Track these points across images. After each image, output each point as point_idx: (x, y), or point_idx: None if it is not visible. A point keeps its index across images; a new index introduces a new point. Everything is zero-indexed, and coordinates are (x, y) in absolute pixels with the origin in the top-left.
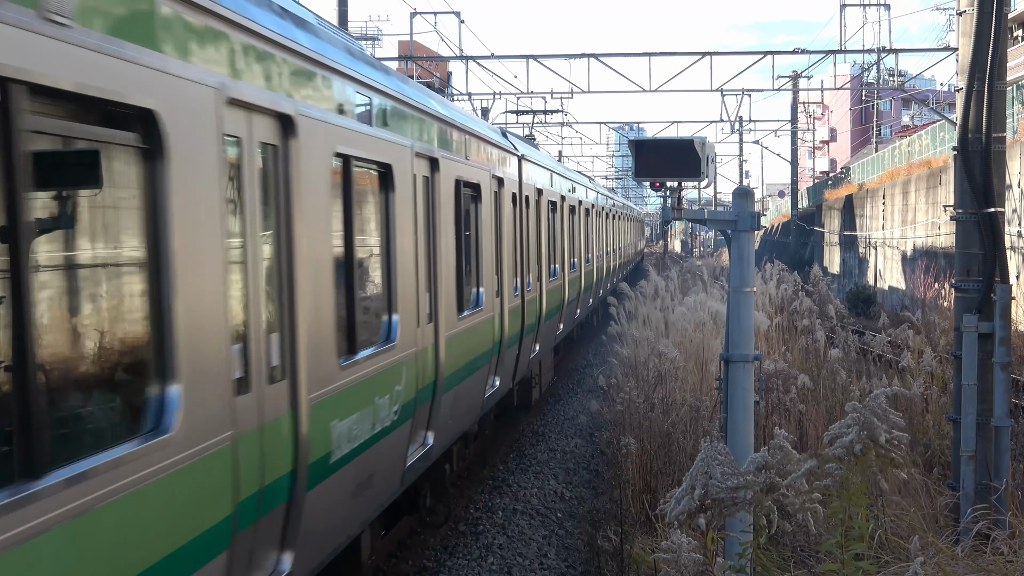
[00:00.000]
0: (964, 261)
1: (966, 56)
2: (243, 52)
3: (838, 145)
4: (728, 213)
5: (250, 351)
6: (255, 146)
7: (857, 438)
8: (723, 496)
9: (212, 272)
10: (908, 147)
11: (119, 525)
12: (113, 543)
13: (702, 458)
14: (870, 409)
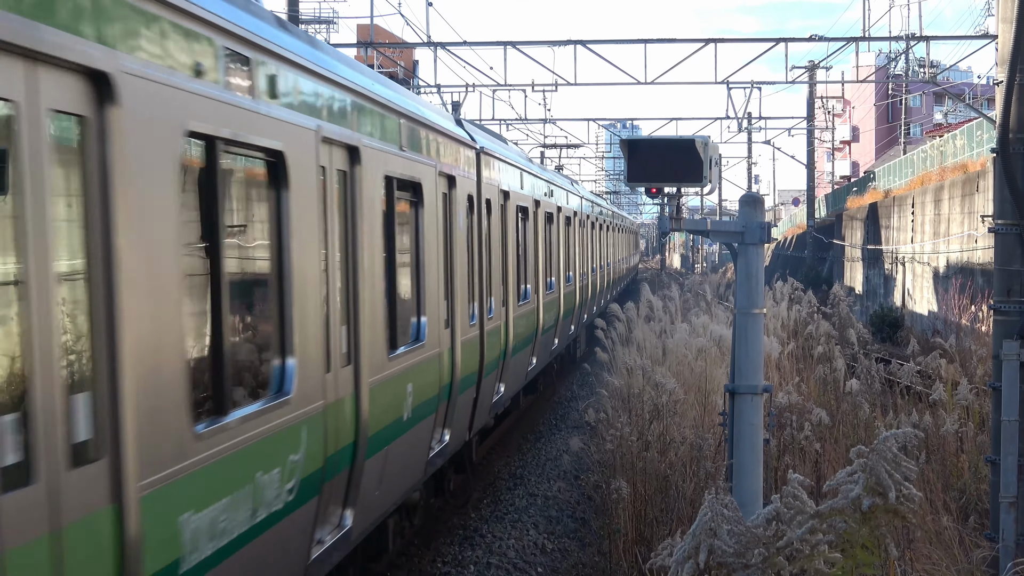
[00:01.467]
0: (1004, 279)
1: (1006, 45)
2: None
3: (861, 146)
4: (734, 224)
5: (331, 339)
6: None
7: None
8: (730, 561)
9: (314, 276)
10: (941, 148)
11: (265, 453)
12: (261, 465)
13: (705, 512)
14: (879, 454)
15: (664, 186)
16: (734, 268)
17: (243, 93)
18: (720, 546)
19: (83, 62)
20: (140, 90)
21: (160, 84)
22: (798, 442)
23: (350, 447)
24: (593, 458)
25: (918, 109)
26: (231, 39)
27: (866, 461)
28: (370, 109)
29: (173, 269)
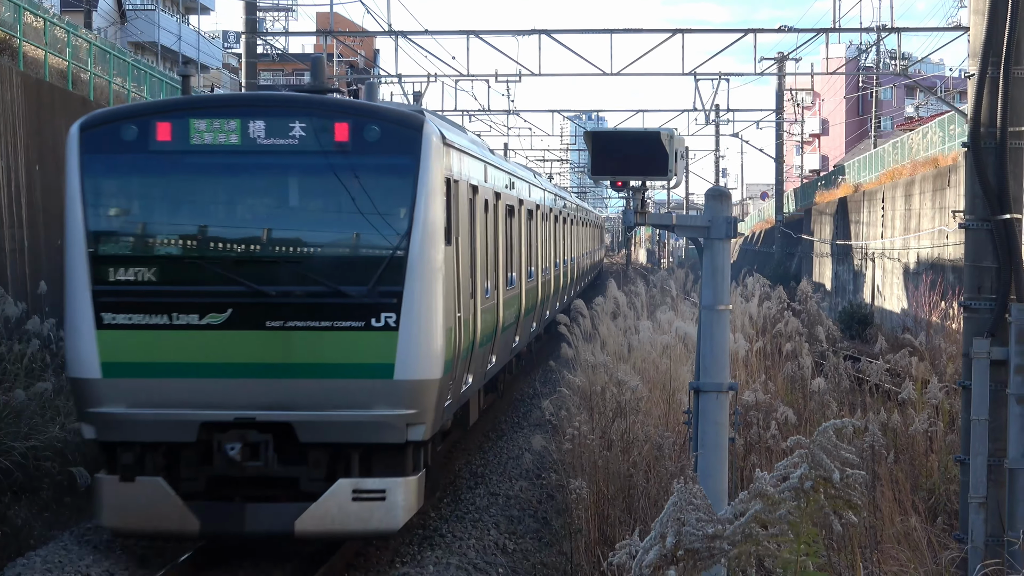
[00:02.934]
0: (975, 276)
1: (979, 37)
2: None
3: (831, 139)
4: (700, 218)
5: (498, 275)
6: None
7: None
8: (698, 546)
9: (495, 248)
10: (912, 142)
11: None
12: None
13: (674, 501)
14: (819, 444)
15: (629, 179)
16: (700, 263)
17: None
18: (689, 531)
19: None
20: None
21: None
22: (764, 441)
23: (494, 327)
24: (555, 457)
25: (889, 102)
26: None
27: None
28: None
29: (490, 244)
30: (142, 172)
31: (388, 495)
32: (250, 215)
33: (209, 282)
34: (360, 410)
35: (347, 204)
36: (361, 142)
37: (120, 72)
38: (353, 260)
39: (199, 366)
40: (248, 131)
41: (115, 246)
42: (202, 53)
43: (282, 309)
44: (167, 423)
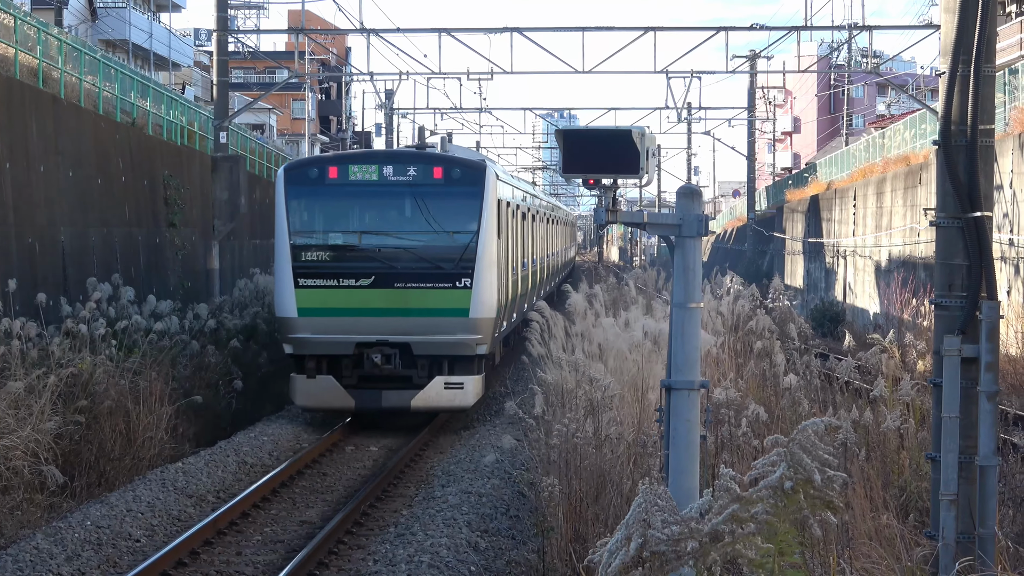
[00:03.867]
0: (945, 273)
1: (949, 35)
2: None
3: (802, 137)
4: (672, 216)
5: (530, 259)
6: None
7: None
8: (664, 549)
9: (519, 241)
10: (883, 140)
11: (519, 281)
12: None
13: (639, 503)
14: (798, 443)
15: (600, 177)
16: (672, 261)
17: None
18: (654, 534)
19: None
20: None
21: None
22: (736, 439)
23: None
24: (528, 454)
25: (860, 100)
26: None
27: (785, 450)
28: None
29: (526, 241)
30: (321, 196)
31: (464, 386)
32: (383, 221)
33: (360, 260)
34: (449, 335)
35: (441, 215)
36: (449, 178)
37: (91, 70)
38: (445, 248)
39: (354, 310)
40: (382, 172)
41: (305, 239)
42: (173, 51)
43: (403, 276)
44: (335, 343)
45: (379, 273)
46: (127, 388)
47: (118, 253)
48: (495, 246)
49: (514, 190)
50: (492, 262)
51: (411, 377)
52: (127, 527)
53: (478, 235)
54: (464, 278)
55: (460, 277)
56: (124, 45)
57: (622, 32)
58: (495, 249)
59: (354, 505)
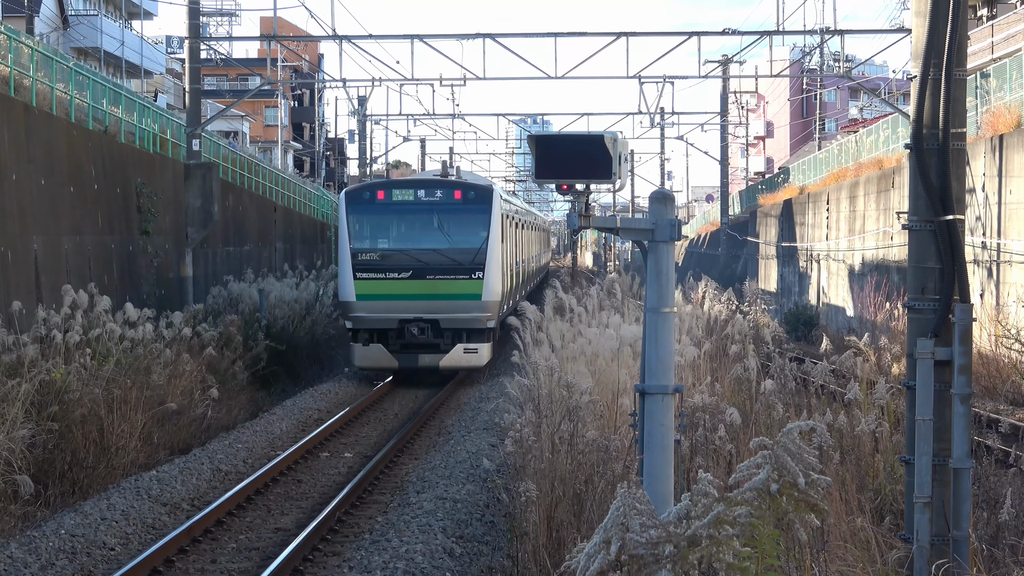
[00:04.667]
0: (918, 277)
1: (920, 39)
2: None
3: (775, 142)
4: (644, 221)
5: (526, 259)
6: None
7: (770, 477)
8: (642, 552)
9: (513, 245)
10: (856, 144)
11: (514, 276)
12: (511, 280)
13: (617, 506)
14: (782, 447)
15: (573, 183)
16: (645, 266)
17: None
18: (632, 537)
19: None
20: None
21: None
22: (711, 443)
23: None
24: (503, 460)
25: (833, 104)
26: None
27: (770, 452)
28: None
29: (516, 246)
30: (372, 212)
31: (478, 351)
32: (418, 230)
33: (401, 259)
34: (466, 313)
35: (460, 226)
36: (466, 198)
37: (63, 78)
38: (463, 250)
39: (397, 295)
40: (417, 194)
41: (361, 244)
42: (146, 59)
43: (433, 270)
44: (384, 319)
45: (415, 268)
46: (101, 396)
47: (91, 261)
48: (499, 248)
49: (510, 206)
50: (497, 260)
51: (439, 344)
52: (101, 535)
53: (487, 240)
54: (477, 271)
55: (474, 271)
56: (96, 53)
57: (595, 38)
58: (499, 250)
59: (329, 512)
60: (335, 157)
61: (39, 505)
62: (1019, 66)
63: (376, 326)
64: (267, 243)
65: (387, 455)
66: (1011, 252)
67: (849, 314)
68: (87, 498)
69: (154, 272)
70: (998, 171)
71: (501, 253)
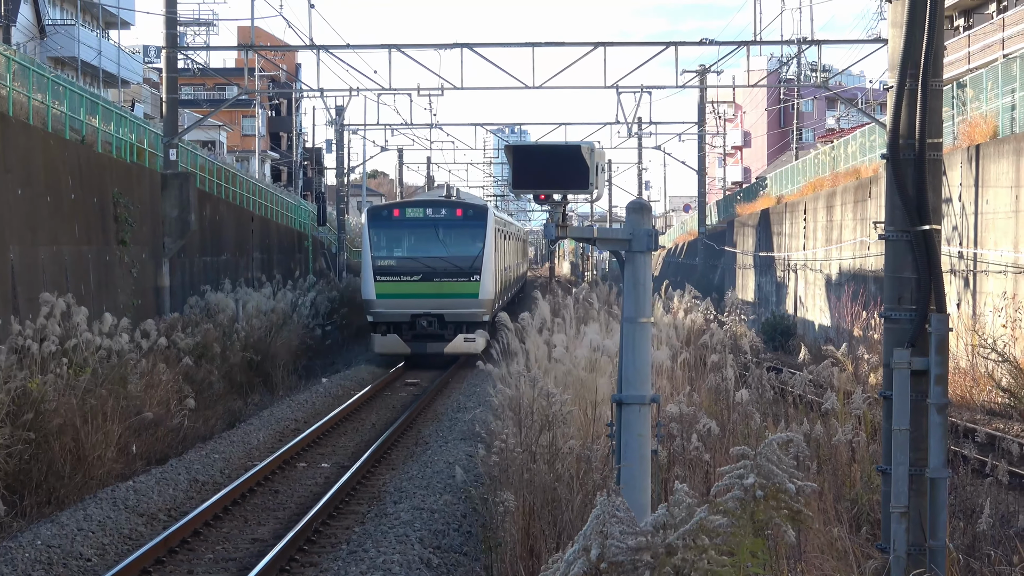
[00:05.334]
0: (895, 287)
1: (897, 49)
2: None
3: (753, 151)
4: (621, 231)
5: (510, 266)
6: (500, 233)
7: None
8: (622, 559)
9: (503, 254)
10: (833, 154)
11: (503, 279)
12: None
13: (597, 514)
14: (764, 456)
15: (551, 193)
16: (622, 276)
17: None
18: (612, 544)
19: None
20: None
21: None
22: (688, 453)
23: (501, 287)
24: (481, 470)
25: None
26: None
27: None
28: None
29: (504, 254)
30: (389, 227)
31: (476, 340)
32: (426, 242)
33: (413, 265)
34: (466, 309)
35: (461, 238)
36: (466, 216)
37: (40, 88)
38: (464, 257)
39: (410, 295)
40: (426, 212)
41: (381, 253)
42: (122, 68)
43: (439, 274)
44: (399, 314)
45: (424, 272)
46: (77, 406)
47: (68, 271)
48: (492, 256)
49: (500, 221)
50: (491, 266)
51: (444, 335)
52: (78, 546)
53: (483, 250)
54: (475, 275)
55: (472, 274)
56: (73, 62)
57: (572, 47)
58: (492, 258)
59: (306, 522)
60: (312, 167)
61: (15, 515)
62: (995, 76)
63: (392, 319)
64: (244, 253)
65: (364, 465)
66: (987, 262)
67: (826, 324)
68: (63, 509)
69: (131, 282)
70: (974, 181)
71: (494, 260)
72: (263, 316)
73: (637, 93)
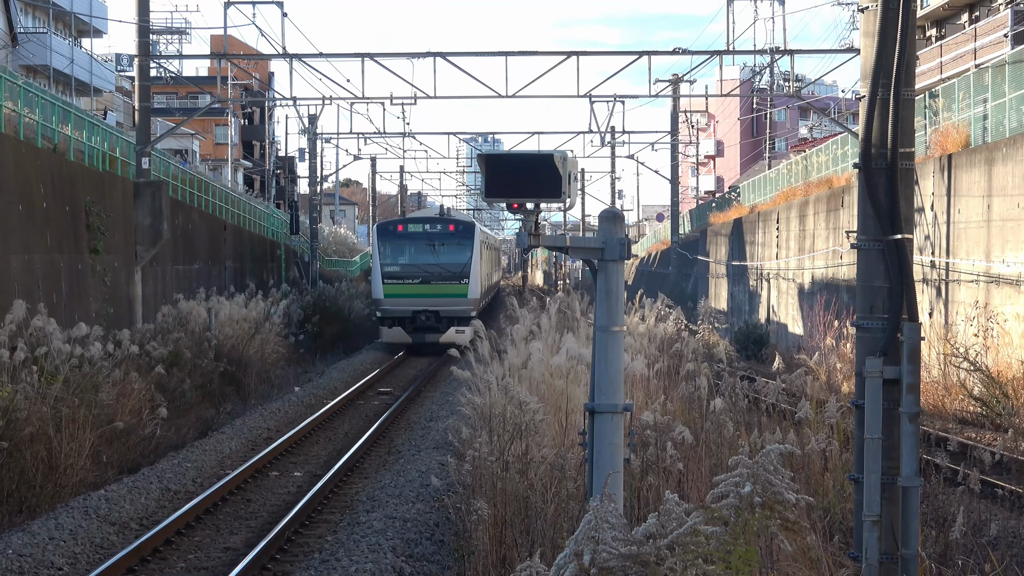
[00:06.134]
0: (867, 296)
1: (869, 59)
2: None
3: (726, 161)
4: (594, 240)
5: (489, 273)
6: (484, 244)
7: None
8: (613, 565)
9: (487, 263)
10: (805, 163)
11: (485, 284)
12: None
13: (589, 520)
14: (761, 467)
15: (523, 202)
16: (595, 285)
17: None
18: (605, 550)
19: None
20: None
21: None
22: (662, 461)
23: (484, 290)
24: (453, 478)
25: (783, 123)
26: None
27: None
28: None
29: (487, 263)
30: (395, 239)
31: (465, 332)
32: (425, 251)
33: (415, 271)
34: (457, 307)
35: (453, 249)
36: (458, 230)
37: (12, 96)
38: (455, 264)
39: (411, 295)
40: (424, 227)
41: (387, 260)
42: (95, 76)
43: (436, 277)
44: (403, 310)
45: (423, 276)
46: (49, 415)
47: (40, 280)
48: (479, 264)
49: (484, 235)
50: (477, 271)
51: (439, 327)
52: (49, 555)
53: (471, 258)
54: (464, 278)
55: (462, 278)
56: (45, 71)
57: (545, 56)
58: (479, 265)
59: (278, 531)
60: (285, 175)
61: None
62: (967, 86)
63: (397, 315)
64: (217, 261)
65: (337, 474)
66: (960, 271)
67: (799, 333)
68: (35, 518)
69: (104, 291)
70: (947, 191)
71: (479, 267)
72: (236, 325)
73: (610, 102)
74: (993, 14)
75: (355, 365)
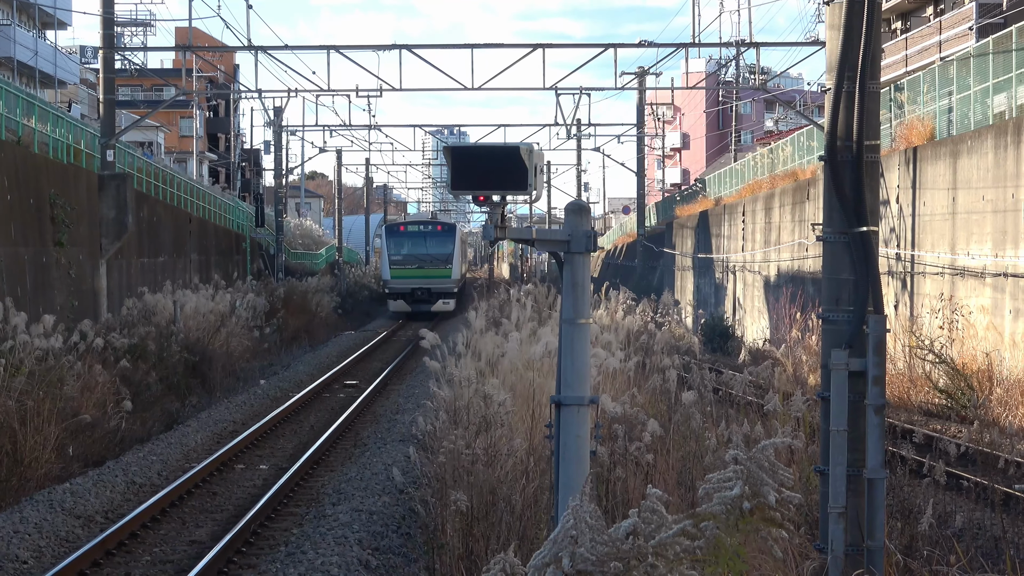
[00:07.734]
0: (832, 288)
1: (834, 52)
2: None
3: (691, 153)
4: (560, 232)
5: (465, 260)
6: (462, 241)
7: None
8: (591, 569)
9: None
10: (771, 156)
11: (462, 268)
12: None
13: (567, 519)
14: (756, 462)
15: (489, 194)
16: (560, 277)
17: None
18: (583, 553)
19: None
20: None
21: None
22: (631, 454)
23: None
24: (420, 471)
25: (749, 116)
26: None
27: (743, 468)
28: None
29: (464, 252)
30: (398, 236)
31: (450, 303)
32: (421, 245)
33: (413, 259)
34: (444, 285)
35: (441, 243)
36: (444, 229)
37: None
38: (442, 254)
39: (411, 275)
40: (419, 227)
41: (394, 252)
42: (59, 68)
43: (428, 263)
44: (405, 287)
45: (419, 263)
46: (13, 408)
47: (4, 272)
48: (459, 253)
49: (464, 231)
50: (458, 259)
51: (431, 300)
52: (14, 549)
53: (454, 249)
54: (449, 264)
55: (447, 264)
56: (9, 63)
57: (511, 49)
58: (459, 254)
59: (244, 524)
60: (251, 168)
61: None
62: (932, 79)
63: (400, 291)
64: (182, 254)
65: (303, 467)
66: (925, 264)
67: (765, 325)
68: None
69: (69, 283)
70: (912, 183)
71: (459, 256)
72: (201, 318)
73: (576, 95)
74: (958, 7)
75: (320, 358)
